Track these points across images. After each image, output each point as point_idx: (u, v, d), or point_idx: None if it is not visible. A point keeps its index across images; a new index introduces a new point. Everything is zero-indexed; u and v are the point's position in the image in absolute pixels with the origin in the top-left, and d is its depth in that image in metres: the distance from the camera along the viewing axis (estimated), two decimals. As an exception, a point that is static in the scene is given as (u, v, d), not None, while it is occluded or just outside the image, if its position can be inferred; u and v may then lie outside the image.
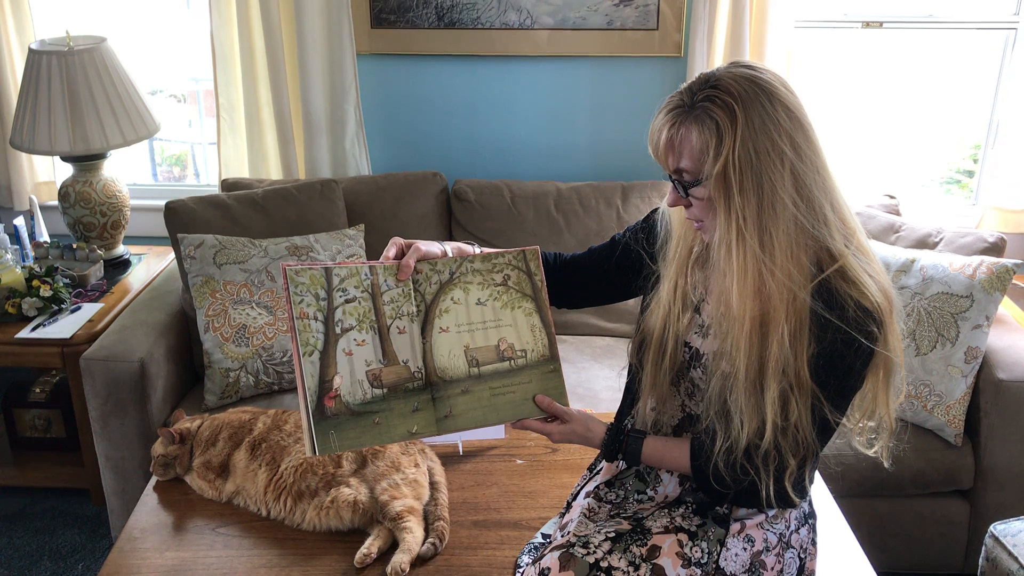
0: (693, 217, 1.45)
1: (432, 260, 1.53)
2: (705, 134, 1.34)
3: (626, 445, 1.55)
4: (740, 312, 1.37)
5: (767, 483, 1.42)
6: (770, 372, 1.37)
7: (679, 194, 1.43)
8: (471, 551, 1.81)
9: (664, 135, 1.38)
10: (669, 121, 1.38)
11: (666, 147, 1.39)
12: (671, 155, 1.39)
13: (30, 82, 2.81)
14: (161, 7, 3.32)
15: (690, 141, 1.36)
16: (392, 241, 1.54)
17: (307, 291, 1.45)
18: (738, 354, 1.38)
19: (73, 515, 2.90)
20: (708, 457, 1.45)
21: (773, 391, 1.37)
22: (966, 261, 2.43)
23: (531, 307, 1.57)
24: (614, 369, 2.66)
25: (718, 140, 1.33)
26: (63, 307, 2.77)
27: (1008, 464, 2.43)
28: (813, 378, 1.37)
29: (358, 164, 3.12)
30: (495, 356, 1.54)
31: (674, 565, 1.46)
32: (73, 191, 2.96)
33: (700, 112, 1.35)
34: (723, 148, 1.33)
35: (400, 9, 3.01)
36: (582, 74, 3.08)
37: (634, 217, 2.89)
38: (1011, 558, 2.04)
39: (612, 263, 1.68)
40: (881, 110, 3.28)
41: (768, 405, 1.37)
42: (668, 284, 1.54)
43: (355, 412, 1.43)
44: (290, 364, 2.56)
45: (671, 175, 1.42)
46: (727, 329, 1.40)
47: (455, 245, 1.59)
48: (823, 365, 1.37)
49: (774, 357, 1.36)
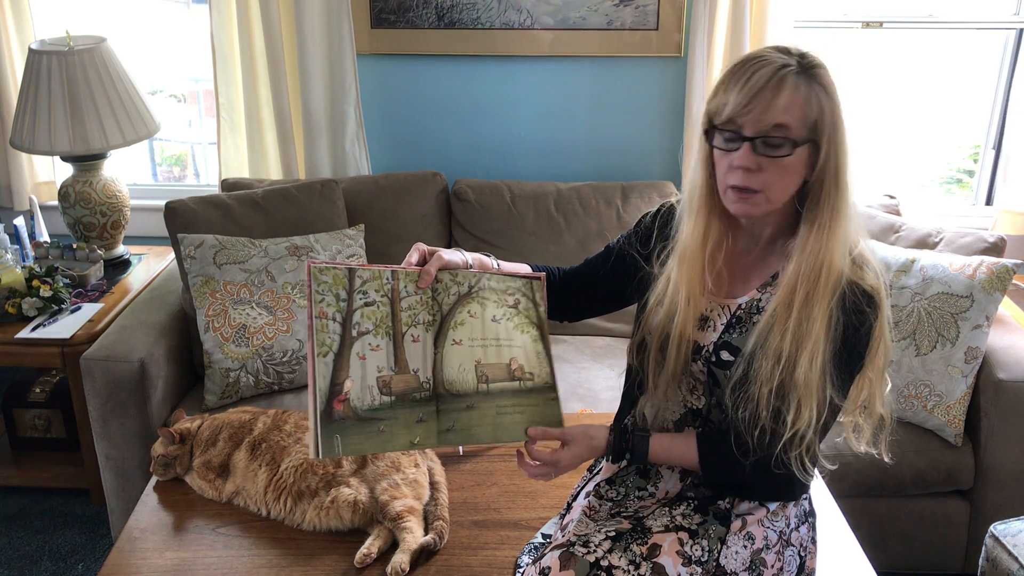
0: (758, 184, 1.39)
1: (453, 271, 1.52)
2: (821, 99, 1.37)
3: (632, 444, 1.54)
4: (837, 276, 1.40)
5: (797, 463, 1.43)
6: (827, 353, 1.40)
7: (771, 155, 1.37)
8: (471, 551, 1.81)
9: (783, 91, 1.35)
10: (787, 79, 1.36)
11: (782, 102, 1.35)
12: (783, 111, 1.35)
13: (30, 82, 2.81)
14: (161, 7, 3.31)
15: (809, 100, 1.37)
16: (415, 247, 1.53)
17: (328, 290, 1.44)
18: (809, 334, 1.39)
19: (73, 515, 2.90)
20: (728, 455, 1.46)
21: (823, 371, 1.40)
22: (966, 261, 2.43)
23: (536, 334, 1.57)
24: (614, 369, 2.66)
25: (832, 111, 1.38)
26: (63, 307, 2.77)
27: (1008, 464, 2.43)
28: (831, 361, 1.41)
29: (358, 164, 3.12)
30: (505, 374, 1.52)
31: (675, 563, 1.46)
32: (73, 191, 2.96)
33: (814, 78, 1.38)
34: (838, 121, 1.38)
35: (400, 9, 3.01)
36: (582, 74, 3.08)
37: (634, 217, 2.88)
38: (1011, 558, 2.04)
39: (608, 270, 1.67)
40: (881, 110, 3.28)
41: (827, 387, 1.40)
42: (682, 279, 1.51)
43: (362, 418, 1.42)
44: (290, 364, 2.56)
45: (756, 136, 1.36)
46: (802, 311, 1.40)
47: (476, 257, 1.58)
48: (837, 347, 1.41)
49: (830, 337, 1.40)
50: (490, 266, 1.59)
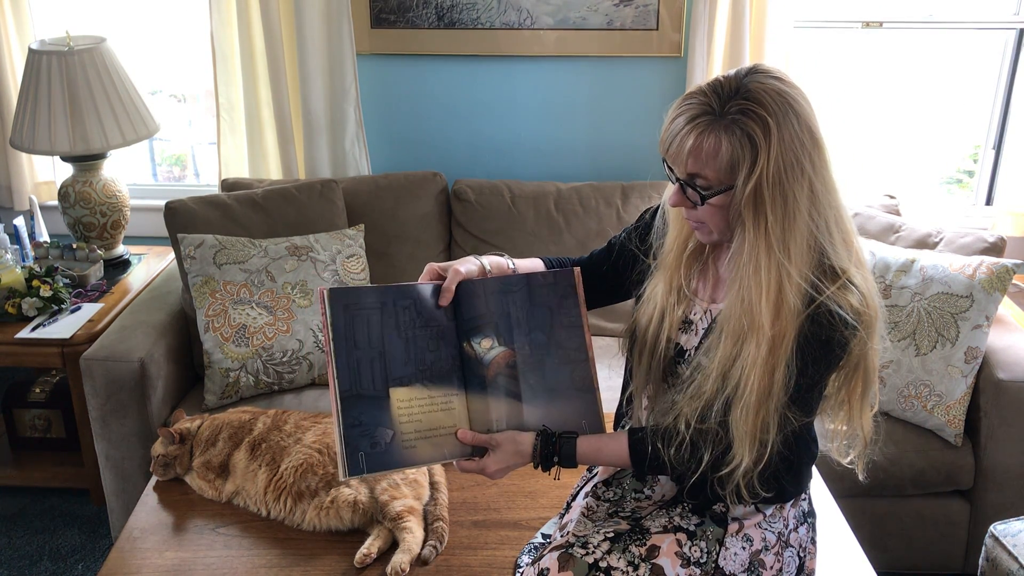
0: (695, 219, 1.43)
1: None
2: (735, 146, 1.31)
3: (559, 447, 1.51)
4: (766, 327, 1.33)
5: (731, 486, 1.41)
6: (776, 393, 1.35)
7: (690, 201, 1.39)
8: (471, 551, 1.81)
9: (689, 141, 1.34)
10: (697, 128, 1.33)
11: (689, 153, 1.34)
12: (693, 161, 1.35)
13: (30, 82, 2.81)
14: (161, 7, 3.31)
15: (719, 151, 1.32)
16: (427, 268, 1.55)
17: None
18: (753, 371, 1.34)
19: (73, 515, 2.90)
20: (655, 459, 1.45)
21: (772, 412, 1.35)
22: (966, 261, 2.43)
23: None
24: (614, 369, 2.65)
25: (753, 155, 1.30)
26: (63, 307, 2.77)
27: (1008, 464, 2.43)
28: (794, 391, 1.37)
29: (358, 164, 3.12)
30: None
31: (673, 565, 1.46)
32: (73, 191, 2.96)
33: (731, 123, 1.31)
34: (758, 164, 1.30)
35: (400, 9, 3.01)
36: (582, 74, 3.08)
37: (634, 217, 2.88)
38: (1011, 558, 2.04)
39: (609, 265, 1.70)
40: (881, 110, 3.28)
41: (772, 428, 1.36)
42: (663, 279, 1.53)
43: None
44: (290, 364, 2.56)
45: (681, 179, 1.38)
46: (744, 344, 1.36)
47: (493, 260, 1.59)
48: (803, 380, 1.37)
49: (782, 375, 1.34)
50: (507, 267, 1.60)
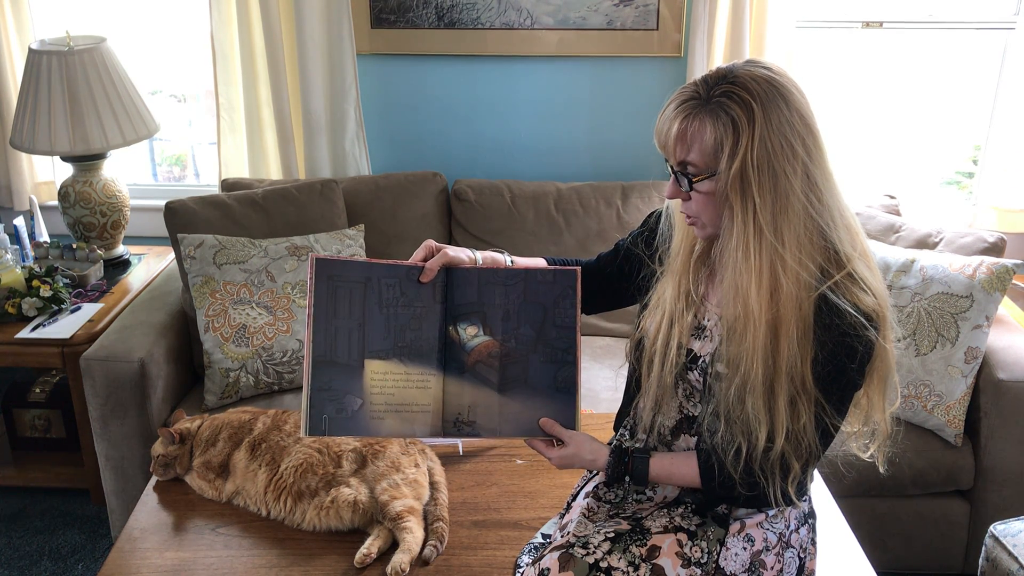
0: (689, 212, 1.43)
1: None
2: (719, 129, 1.33)
3: (631, 466, 1.53)
4: (758, 315, 1.34)
5: (773, 488, 1.42)
6: (783, 376, 1.36)
7: (680, 187, 1.41)
8: (471, 551, 1.81)
9: (675, 126, 1.36)
10: (683, 112, 1.36)
11: (676, 138, 1.37)
12: (680, 147, 1.37)
13: (30, 82, 2.81)
14: (161, 7, 3.31)
15: (703, 134, 1.34)
16: (424, 244, 1.55)
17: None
18: (755, 358, 1.36)
19: (73, 515, 2.90)
20: (722, 472, 1.45)
21: (784, 396, 1.36)
22: (966, 261, 2.43)
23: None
24: (614, 369, 2.65)
25: (735, 137, 1.32)
26: (63, 307, 2.77)
27: (1008, 464, 2.43)
28: (816, 383, 1.37)
29: (358, 164, 3.12)
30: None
31: (674, 565, 1.46)
32: (73, 191, 2.96)
33: (715, 106, 1.33)
34: (740, 146, 1.31)
35: (400, 9, 3.01)
36: (582, 74, 3.08)
37: (634, 217, 2.89)
38: (1011, 558, 2.04)
39: (616, 268, 1.69)
40: (881, 110, 3.28)
41: (781, 410, 1.37)
42: (671, 284, 1.52)
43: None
44: (290, 364, 2.56)
45: (674, 167, 1.40)
46: (742, 333, 1.37)
47: (487, 254, 1.59)
48: (825, 370, 1.37)
49: (786, 361, 1.35)
50: (502, 263, 1.60)
